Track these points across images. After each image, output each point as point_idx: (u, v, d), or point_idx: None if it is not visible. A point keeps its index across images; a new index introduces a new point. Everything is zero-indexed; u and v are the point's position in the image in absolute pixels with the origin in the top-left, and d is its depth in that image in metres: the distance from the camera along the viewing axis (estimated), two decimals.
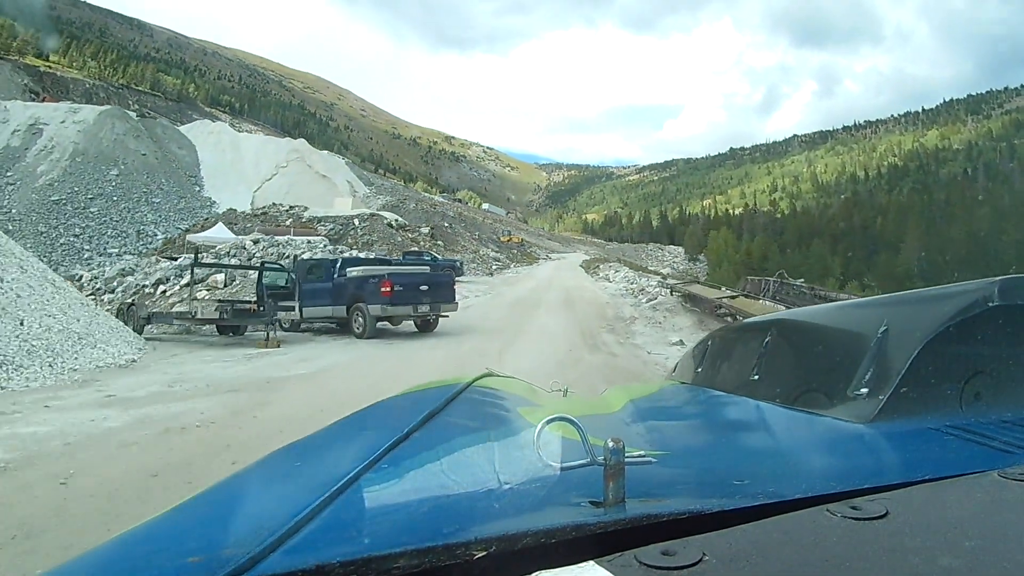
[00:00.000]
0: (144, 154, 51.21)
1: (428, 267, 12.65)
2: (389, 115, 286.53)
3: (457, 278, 24.02)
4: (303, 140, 65.30)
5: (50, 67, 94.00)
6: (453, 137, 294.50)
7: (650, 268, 41.79)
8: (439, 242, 33.11)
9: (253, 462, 0.68)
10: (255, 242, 18.76)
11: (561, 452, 0.50)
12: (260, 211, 33.81)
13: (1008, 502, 0.42)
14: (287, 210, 33.71)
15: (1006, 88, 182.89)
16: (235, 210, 36.42)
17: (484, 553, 0.40)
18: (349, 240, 29.32)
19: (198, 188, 51.65)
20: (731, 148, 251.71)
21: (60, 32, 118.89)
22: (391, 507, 0.52)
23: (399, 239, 30.27)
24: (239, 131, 73.31)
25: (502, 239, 52.20)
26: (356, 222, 30.98)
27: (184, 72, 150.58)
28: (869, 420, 0.71)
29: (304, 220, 31.92)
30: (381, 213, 33.97)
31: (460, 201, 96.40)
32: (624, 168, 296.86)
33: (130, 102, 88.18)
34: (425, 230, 34.35)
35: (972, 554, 0.34)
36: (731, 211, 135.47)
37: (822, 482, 0.51)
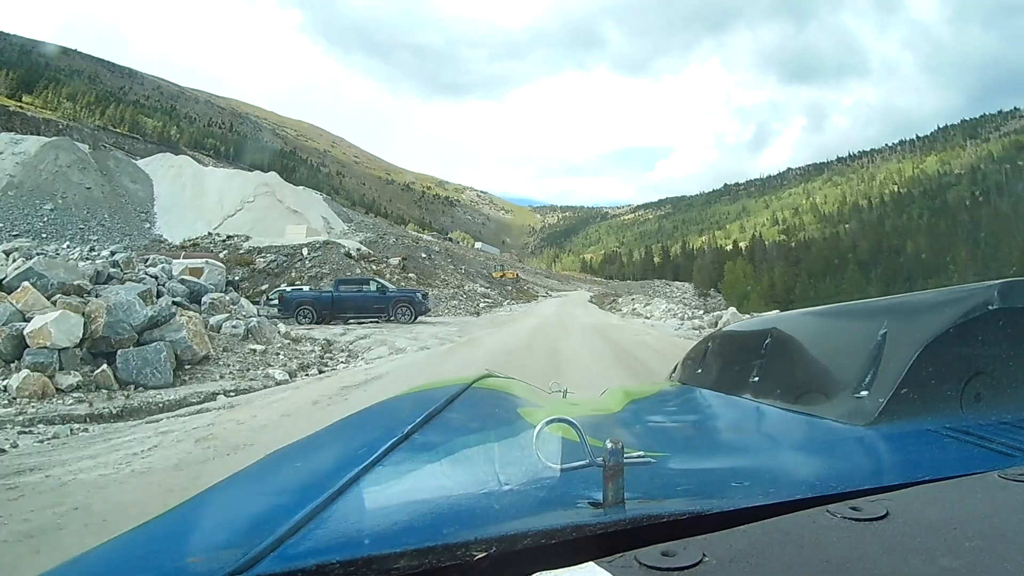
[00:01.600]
0: (88, 188, 45.44)
1: None
2: (382, 161, 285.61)
3: (419, 317, 15.17)
4: (274, 173, 59.43)
5: (21, 107, 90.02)
6: (447, 182, 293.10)
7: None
8: (411, 275, 26.69)
9: (253, 462, 0.66)
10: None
11: (561, 453, 0.49)
12: (190, 242, 27.52)
13: (1008, 503, 0.42)
14: (223, 240, 27.40)
15: (1000, 111, 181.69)
16: (162, 239, 30.14)
17: (484, 554, 0.39)
18: (293, 274, 22.87)
19: (148, 225, 45.56)
20: (725, 184, 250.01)
21: (41, 76, 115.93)
22: (391, 507, 0.51)
23: (359, 271, 23.82)
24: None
25: (495, 274, 46.13)
26: (305, 251, 24.58)
27: (169, 117, 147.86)
28: (869, 422, 0.71)
29: (241, 251, 25.56)
30: (338, 241, 27.66)
31: (451, 240, 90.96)
32: (619, 208, 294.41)
33: (106, 144, 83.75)
34: (395, 261, 27.94)
35: (972, 554, 0.34)
36: (737, 244, 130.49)
37: (822, 483, 0.50)
